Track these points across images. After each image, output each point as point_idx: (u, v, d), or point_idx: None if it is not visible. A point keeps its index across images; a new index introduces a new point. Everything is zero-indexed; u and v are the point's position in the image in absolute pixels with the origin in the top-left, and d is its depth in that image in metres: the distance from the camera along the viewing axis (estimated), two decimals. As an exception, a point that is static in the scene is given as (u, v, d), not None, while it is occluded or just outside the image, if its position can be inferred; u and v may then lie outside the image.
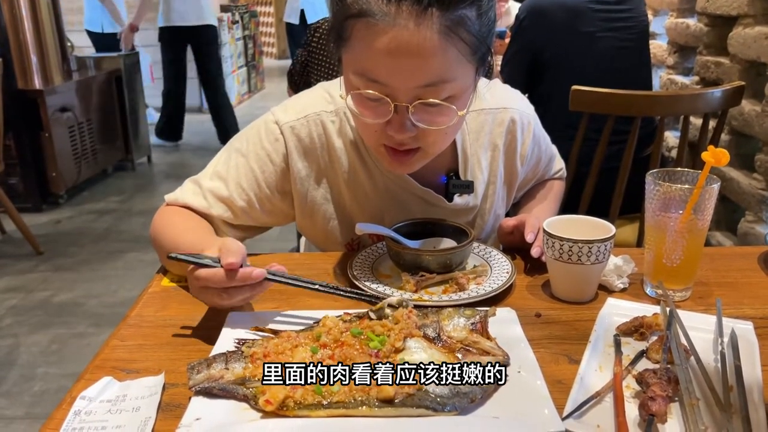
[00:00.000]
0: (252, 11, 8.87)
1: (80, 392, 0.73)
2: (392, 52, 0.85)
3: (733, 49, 2.19)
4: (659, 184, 0.92)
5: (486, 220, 1.21)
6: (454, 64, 0.88)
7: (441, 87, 0.89)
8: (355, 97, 0.93)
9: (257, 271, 0.82)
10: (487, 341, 0.79)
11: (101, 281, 3.24)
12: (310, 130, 1.10)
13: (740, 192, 2.14)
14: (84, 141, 4.52)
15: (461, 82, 0.91)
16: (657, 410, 0.65)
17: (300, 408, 0.67)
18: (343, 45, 0.92)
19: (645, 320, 0.84)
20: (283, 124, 1.10)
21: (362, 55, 0.89)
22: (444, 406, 0.67)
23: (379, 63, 0.87)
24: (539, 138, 1.24)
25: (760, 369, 0.74)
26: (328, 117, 1.10)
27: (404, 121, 0.91)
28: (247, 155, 1.10)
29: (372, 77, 0.89)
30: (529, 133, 1.20)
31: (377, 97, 0.90)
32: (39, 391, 2.34)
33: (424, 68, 0.87)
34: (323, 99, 1.12)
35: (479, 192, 1.17)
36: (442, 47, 0.85)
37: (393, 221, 1.09)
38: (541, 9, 2.13)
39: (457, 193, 1.13)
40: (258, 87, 8.90)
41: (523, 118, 1.19)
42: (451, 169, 1.14)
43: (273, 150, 1.10)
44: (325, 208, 1.14)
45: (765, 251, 1.11)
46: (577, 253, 0.90)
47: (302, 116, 1.10)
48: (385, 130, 0.93)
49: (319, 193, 1.13)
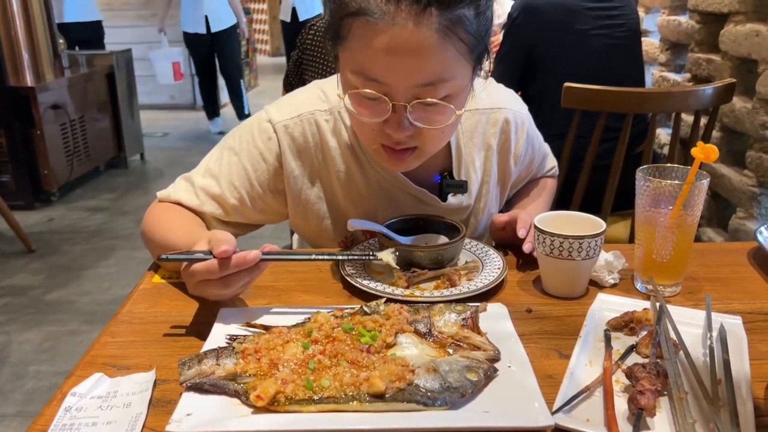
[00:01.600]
0: (245, 8, 8.83)
1: (71, 389, 0.73)
2: (391, 51, 0.85)
3: (724, 46, 2.20)
4: (649, 180, 0.93)
5: (479, 219, 1.21)
6: (452, 64, 0.88)
7: (439, 86, 0.89)
8: (353, 97, 0.93)
9: (252, 254, 0.82)
10: (477, 336, 0.79)
11: (94, 279, 3.24)
12: (304, 130, 1.09)
13: (731, 188, 2.16)
14: (76, 138, 4.51)
15: (459, 81, 0.91)
16: (646, 404, 0.66)
17: (291, 403, 0.67)
18: (340, 43, 0.92)
19: (635, 315, 0.85)
20: (277, 123, 1.09)
21: (360, 54, 0.89)
22: (434, 400, 0.68)
23: (377, 62, 0.87)
24: (532, 137, 1.25)
25: (748, 363, 0.75)
26: (322, 116, 1.10)
27: (402, 120, 0.91)
28: (239, 153, 1.10)
29: (370, 76, 0.89)
30: (522, 133, 1.20)
31: (375, 96, 0.90)
32: (31, 389, 2.33)
33: (423, 67, 0.87)
34: (317, 98, 1.12)
35: (473, 191, 1.17)
36: (441, 46, 0.86)
37: (387, 218, 1.09)
38: (534, 7, 2.13)
39: (451, 193, 1.14)
40: (252, 84, 8.87)
41: (517, 118, 1.19)
42: (445, 169, 1.15)
43: (266, 149, 1.09)
44: (319, 207, 1.14)
45: (754, 247, 1.12)
46: (568, 248, 0.91)
47: (296, 115, 1.10)
48: (382, 129, 0.93)
49: (312, 192, 1.13)
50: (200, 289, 0.85)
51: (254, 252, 0.83)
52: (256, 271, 0.85)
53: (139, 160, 5.42)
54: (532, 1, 2.14)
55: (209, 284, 0.83)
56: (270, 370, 0.71)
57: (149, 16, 7.08)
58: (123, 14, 7.10)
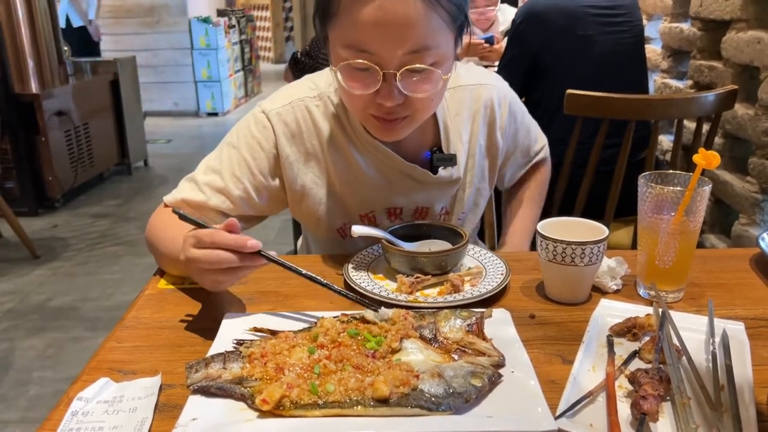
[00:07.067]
0: (248, 15, 8.90)
1: (77, 393, 0.73)
2: (379, 21, 0.91)
3: (726, 53, 2.21)
4: (651, 187, 0.93)
5: (467, 193, 1.24)
6: (437, 32, 0.94)
7: (426, 53, 0.94)
8: (344, 70, 0.97)
9: (252, 241, 0.85)
10: (483, 342, 0.80)
11: (97, 285, 3.24)
12: (296, 116, 1.13)
13: (734, 195, 2.16)
14: (80, 145, 4.53)
15: (443, 49, 0.97)
16: (649, 409, 0.66)
17: (296, 408, 0.68)
18: (329, 21, 0.97)
19: (638, 321, 0.85)
20: (270, 112, 1.13)
21: (350, 28, 0.93)
22: (439, 405, 0.68)
23: (367, 33, 0.92)
24: (515, 111, 1.27)
25: (750, 369, 0.75)
26: (312, 102, 1.14)
27: (392, 89, 0.95)
28: (238, 146, 1.13)
29: (360, 47, 0.94)
30: (505, 107, 1.24)
31: (366, 66, 0.94)
32: (34, 395, 2.33)
33: (410, 35, 0.92)
34: (307, 87, 1.17)
35: (461, 165, 1.20)
36: (426, 15, 0.91)
37: (382, 200, 1.14)
38: (537, 13, 2.14)
39: (442, 166, 1.16)
40: (255, 91, 8.91)
41: (500, 93, 1.24)
42: (434, 145, 1.18)
43: (263, 137, 1.13)
44: (315, 192, 1.16)
45: (757, 253, 1.12)
46: (571, 254, 0.91)
47: (287, 103, 1.14)
48: (373, 100, 0.98)
49: (308, 177, 1.15)
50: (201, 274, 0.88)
51: (255, 240, 0.85)
52: (249, 262, 0.86)
53: (143, 167, 5.44)
54: (536, 8, 2.15)
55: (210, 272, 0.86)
56: (276, 374, 0.72)
57: (153, 24, 7.13)
58: (127, 22, 7.15)
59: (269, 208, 1.18)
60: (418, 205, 1.19)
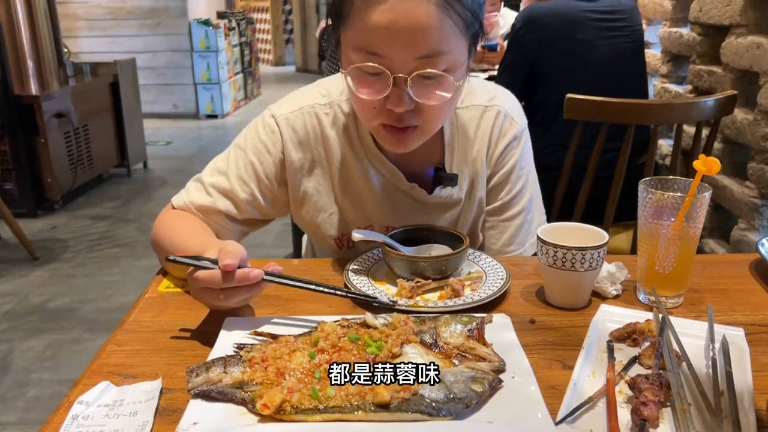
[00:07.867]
0: (248, 18, 8.89)
1: (78, 397, 0.73)
2: (391, 24, 0.89)
3: (725, 59, 2.21)
4: (651, 192, 0.93)
5: (468, 217, 1.20)
6: (450, 37, 0.92)
7: (438, 59, 0.92)
8: (354, 74, 0.95)
9: (254, 272, 0.84)
10: (483, 347, 0.80)
11: (96, 287, 3.24)
12: (305, 122, 1.13)
13: (733, 200, 2.16)
14: (80, 146, 4.52)
15: (456, 55, 0.94)
16: (649, 415, 0.66)
17: (297, 412, 0.68)
18: (341, 23, 0.95)
19: (638, 326, 0.85)
20: (279, 116, 1.13)
21: (361, 30, 0.92)
22: (439, 411, 0.68)
23: (378, 36, 0.90)
24: (526, 154, 1.19)
25: (750, 375, 0.75)
26: (322, 109, 1.13)
27: (402, 94, 0.93)
28: (245, 148, 1.13)
29: (371, 50, 0.92)
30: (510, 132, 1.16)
31: (377, 70, 0.92)
32: (33, 397, 2.33)
33: (422, 39, 0.90)
34: (318, 93, 1.16)
35: (464, 187, 1.17)
36: (439, 19, 0.89)
37: (381, 216, 1.12)
38: (537, 17, 2.15)
39: (441, 185, 1.14)
40: (254, 93, 8.90)
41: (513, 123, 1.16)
42: (440, 163, 1.16)
43: (270, 141, 1.12)
44: (317, 200, 1.16)
45: (756, 258, 1.12)
46: (571, 259, 0.91)
47: (297, 108, 1.13)
48: (383, 106, 0.96)
49: (311, 184, 1.15)
50: (200, 295, 0.87)
51: (257, 271, 0.84)
52: (255, 289, 0.86)
53: (143, 169, 5.43)
54: (536, 12, 2.16)
55: (209, 293, 0.85)
56: (277, 378, 0.72)
57: (153, 26, 7.13)
58: (127, 23, 7.15)
59: (275, 211, 1.18)
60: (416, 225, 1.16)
